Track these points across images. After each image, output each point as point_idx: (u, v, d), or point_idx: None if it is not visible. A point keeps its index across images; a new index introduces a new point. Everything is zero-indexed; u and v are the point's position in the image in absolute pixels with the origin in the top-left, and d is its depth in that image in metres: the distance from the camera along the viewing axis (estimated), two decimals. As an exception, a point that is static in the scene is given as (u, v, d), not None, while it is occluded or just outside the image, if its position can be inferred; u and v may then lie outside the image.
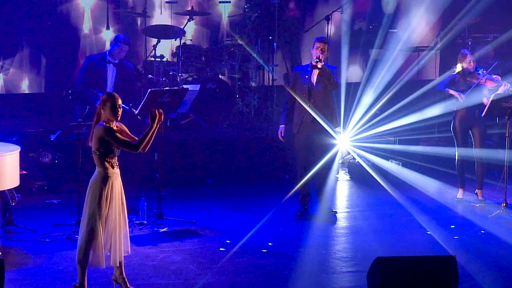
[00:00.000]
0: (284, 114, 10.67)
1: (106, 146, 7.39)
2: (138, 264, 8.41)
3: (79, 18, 14.71)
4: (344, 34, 15.53)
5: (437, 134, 13.99)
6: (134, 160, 11.45)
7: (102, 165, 7.43)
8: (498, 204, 10.83)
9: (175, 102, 10.30)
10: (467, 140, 11.41)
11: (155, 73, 13.72)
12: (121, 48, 10.78)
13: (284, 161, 13.00)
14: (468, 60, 11.20)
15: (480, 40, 15.37)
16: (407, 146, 13.65)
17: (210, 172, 12.91)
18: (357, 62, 16.03)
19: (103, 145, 7.38)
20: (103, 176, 7.43)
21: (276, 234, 9.66)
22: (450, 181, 12.08)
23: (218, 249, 8.96)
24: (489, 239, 9.50)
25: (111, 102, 7.41)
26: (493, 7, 14.95)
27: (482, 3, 14.75)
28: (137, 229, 9.78)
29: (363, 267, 7.92)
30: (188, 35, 15.12)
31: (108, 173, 7.46)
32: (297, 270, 8.27)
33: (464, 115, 11.25)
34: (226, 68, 14.65)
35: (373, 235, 9.56)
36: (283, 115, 10.69)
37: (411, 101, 13.91)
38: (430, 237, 9.49)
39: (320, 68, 10.27)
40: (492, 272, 8.17)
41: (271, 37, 15.47)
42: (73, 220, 9.64)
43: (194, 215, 10.46)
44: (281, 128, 10.59)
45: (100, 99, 7.55)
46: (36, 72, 14.30)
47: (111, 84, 10.70)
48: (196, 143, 13.09)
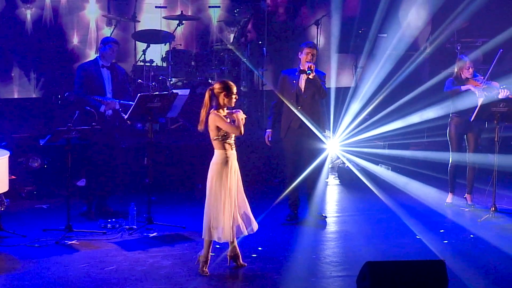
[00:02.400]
0: (271, 118, 10.66)
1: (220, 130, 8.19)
2: (128, 269, 8.39)
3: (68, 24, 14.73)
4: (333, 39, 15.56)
5: (426, 139, 14.03)
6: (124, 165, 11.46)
7: (223, 148, 8.26)
8: (487, 209, 10.85)
9: (164, 107, 10.30)
10: (461, 145, 11.43)
11: (144, 78, 13.72)
12: (113, 48, 10.79)
13: (273, 166, 13.01)
14: (467, 66, 11.18)
15: (469, 45, 15.41)
16: (396, 150, 13.68)
17: (200, 177, 12.86)
18: (347, 67, 16.05)
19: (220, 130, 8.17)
20: (224, 157, 8.25)
21: (266, 238, 9.65)
22: (440, 186, 12.11)
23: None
24: (478, 243, 9.52)
25: (227, 90, 8.17)
26: (482, 12, 15.00)
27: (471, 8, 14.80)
28: (127, 234, 9.76)
29: (353, 272, 7.93)
30: (178, 39, 15.13)
31: (227, 155, 8.26)
32: (287, 275, 8.27)
33: (460, 121, 11.26)
34: (216, 72, 14.65)
35: (362, 239, 9.57)
36: (270, 120, 10.68)
37: (401, 106, 13.94)
38: (419, 242, 9.50)
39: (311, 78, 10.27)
40: (481, 276, 8.18)
41: (260, 41, 15.49)
42: (63, 225, 9.62)
43: (184, 220, 10.45)
44: (267, 133, 10.59)
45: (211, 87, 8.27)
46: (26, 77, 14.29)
47: (109, 88, 10.71)
48: (186, 148, 13.08)
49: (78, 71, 10.89)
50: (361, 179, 12.78)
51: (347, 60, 16.09)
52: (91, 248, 9.17)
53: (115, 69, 10.89)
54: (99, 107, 10.54)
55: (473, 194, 11.47)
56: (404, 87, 14.54)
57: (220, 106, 8.26)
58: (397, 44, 15.20)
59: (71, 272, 8.28)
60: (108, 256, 8.86)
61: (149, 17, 15.22)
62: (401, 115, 13.68)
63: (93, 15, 14.94)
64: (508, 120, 10.98)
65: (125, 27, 14.87)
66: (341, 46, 15.69)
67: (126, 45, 14.60)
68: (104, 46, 10.82)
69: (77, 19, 14.88)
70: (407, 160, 13.68)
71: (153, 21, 15.11)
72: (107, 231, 9.88)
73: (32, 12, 14.41)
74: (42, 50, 14.37)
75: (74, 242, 9.37)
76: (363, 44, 15.55)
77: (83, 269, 8.38)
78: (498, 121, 10.69)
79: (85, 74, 10.73)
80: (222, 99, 8.23)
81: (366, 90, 14.36)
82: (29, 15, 14.36)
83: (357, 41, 15.93)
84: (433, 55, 15.06)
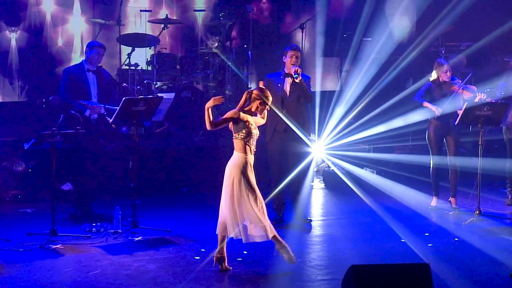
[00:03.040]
0: None
1: (244, 128, 8.37)
2: (113, 273, 8.37)
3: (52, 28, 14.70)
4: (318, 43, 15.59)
5: (411, 142, 14.06)
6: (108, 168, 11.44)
7: (244, 151, 8.49)
8: (472, 212, 10.89)
9: (149, 110, 10.28)
10: (441, 149, 11.49)
11: (129, 82, 13.71)
12: (99, 52, 10.78)
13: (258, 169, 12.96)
14: (445, 69, 11.26)
15: (453, 49, 15.47)
16: (381, 154, 13.71)
17: (185, 181, 12.89)
18: (332, 70, 16.08)
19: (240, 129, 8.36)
20: (244, 162, 8.49)
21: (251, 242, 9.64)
22: (424, 189, 12.15)
23: (193, 258, 8.95)
24: (463, 246, 9.54)
25: (264, 99, 8.43)
26: (466, 16, 15.06)
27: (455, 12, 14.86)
28: (112, 238, 9.74)
29: (338, 275, 7.94)
30: (163, 43, 15.12)
31: (247, 160, 8.49)
32: (272, 279, 8.26)
33: (439, 124, 11.33)
34: (201, 76, 14.65)
35: (347, 243, 9.58)
36: None
37: (386, 110, 13.98)
38: (404, 245, 9.52)
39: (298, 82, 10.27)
40: (466, 279, 8.20)
41: (245, 45, 15.51)
42: (47, 229, 9.58)
43: (169, 224, 10.43)
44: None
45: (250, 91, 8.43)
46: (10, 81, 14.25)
47: (94, 92, 10.70)
48: (171, 152, 13.07)
49: (64, 75, 10.86)
50: (346, 182, 12.80)
51: (332, 64, 16.13)
52: (75, 252, 9.14)
53: (100, 73, 10.88)
54: (84, 111, 10.53)
55: (457, 198, 11.51)
56: (389, 90, 14.58)
57: (250, 111, 8.47)
58: (382, 48, 15.24)
59: (56, 276, 8.24)
60: (93, 260, 8.83)
61: (134, 21, 15.21)
62: (385, 118, 13.71)
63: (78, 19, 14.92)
64: (492, 123, 11.03)
65: (110, 31, 14.85)
66: (326, 50, 15.73)
67: (111, 49, 14.58)
68: (90, 50, 10.80)
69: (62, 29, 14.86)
70: (392, 163, 13.72)
71: (138, 25, 15.11)
72: (92, 235, 9.85)
73: (18, 35, 14.42)
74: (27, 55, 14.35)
75: (59, 246, 9.34)
76: (348, 48, 15.59)
77: (68, 273, 8.35)
78: (482, 125, 10.73)
79: (70, 78, 10.71)
80: (256, 105, 8.46)
81: (351, 93, 14.39)
82: (14, 40, 14.37)
83: (342, 45, 15.97)
84: (418, 59, 15.11)
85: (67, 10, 14.90)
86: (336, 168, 13.22)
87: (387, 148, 13.91)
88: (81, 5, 14.92)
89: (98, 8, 15.05)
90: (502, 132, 11.88)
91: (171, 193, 12.57)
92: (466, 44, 15.42)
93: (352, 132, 13.74)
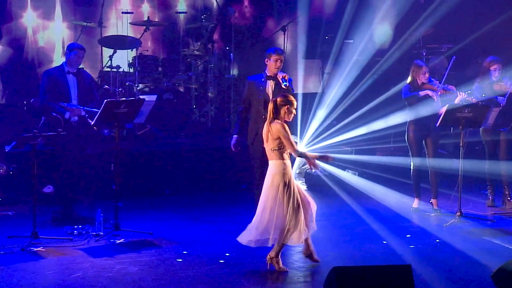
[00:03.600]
0: (238, 124, 10.63)
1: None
2: (94, 275, 8.34)
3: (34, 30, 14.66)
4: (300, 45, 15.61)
5: (393, 144, 14.11)
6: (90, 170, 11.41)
7: (281, 157, 8.60)
8: (453, 214, 10.93)
9: (131, 112, 10.26)
10: (421, 150, 11.53)
11: (111, 84, 13.68)
12: (78, 54, 10.77)
13: (241, 171, 13.01)
14: (423, 71, 11.32)
15: (435, 51, 15.54)
16: (363, 156, 13.75)
17: (167, 183, 12.88)
18: (313, 72, 16.10)
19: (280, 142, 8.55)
20: (283, 167, 8.58)
21: (233, 244, 9.63)
22: (406, 191, 12.19)
23: (175, 260, 8.93)
24: (444, 248, 9.58)
25: (289, 104, 8.60)
26: (446, 18, 15.13)
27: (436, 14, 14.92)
28: (94, 241, 9.71)
29: (320, 277, 7.97)
30: (145, 45, 15.10)
31: (286, 164, 8.59)
32: (254, 281, 8.27)
33: (418, 126, 11.37)
34: (183, 78, 14.64)
35: (329, 244, 9.59)
36: (237, 126, 10.65)
37: (368, 112, 14.02)
38: (386, 246, 9.55)
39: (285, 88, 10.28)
40: (447, 280, 8.23)
41: (227, 47, 15.51)
42: (29, 231, 9.54)
43: (151, 226, 10.42)
44: (234, 139, 10.57)
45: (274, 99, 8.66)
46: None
47: (74, 94, 10.68)
48: (153, 154, 13.06)
49: (43, 77, 10.84)
50: (328, 184, 12.82)
51: (314, 66, 16.15)
52: (57, 255, 9.11)
53: (81, 75, 10.86)
54: (64, 114, 10.50)
55: (439, 199, 11.56)
56: (370, 92, 14.63)
57: (281, 118, 8.63)
58: (363, 50, 15.29)
59: (37, 279, 8.21)
60: (75, 263, 8.80)
61: (116, 23, 15.18)
62: (367, 120, 13.76)
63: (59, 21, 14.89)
64: (472, 125, 11.09)
65: (91, 33, 14.82)
66: (308, 52, 15.76)
67: (93, 51, 14.55)
68: (70, 52, 10.78)
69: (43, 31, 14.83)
70: (373, 165, 13.76)
71: (120, 27, 15.08)
72: (74, 237, 9.83)
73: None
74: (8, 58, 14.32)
75: (40, 249, 9.30)
76: (329, 50, 15.62)
77: (50, 276, 8.32)
78: (463, 127, 10.78)
79: (50, 80, 10.68)
80: (284, 111, 8.62)
81: (333, 95, 14.42)
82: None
83: (324, 47, 16.00)
84: (399, 61, 15.17)
85: (49, 12, 14.85)
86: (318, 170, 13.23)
87: (369, 150, 13.95)
88: (62, 7, 14.88)
89: (80, 10, 15.01)
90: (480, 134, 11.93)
91: (153, 195, 12.56)
92: (447, 46, 15.49)
93: (334, 134, 13.77)
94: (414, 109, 11.34)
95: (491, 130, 11.66)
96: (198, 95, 14.89)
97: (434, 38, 15.76)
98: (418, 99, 11.26)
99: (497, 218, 11.16)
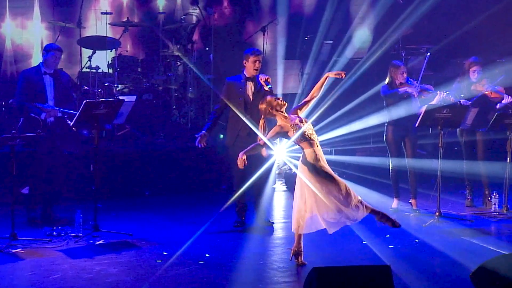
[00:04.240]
0: (210, 122, 10.57)
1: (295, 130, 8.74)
2: (73, 277, 8.31)
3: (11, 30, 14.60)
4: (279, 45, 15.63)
5: (372, 145, 14.14)
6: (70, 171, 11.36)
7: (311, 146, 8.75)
8: (432, 214, 10.98)
9: (111, 113, 10.23)
10: (400, 151, 11.57)
11: (90, 85, 13.63)
12: (55, 55, 10.72)
13: (221, 172, 13.02)
14: (401, 71, 11.38)
15: (414, 51, 15.59)
16: (343, 156, 13.76)
17: (147, 184, 12.86)
18: (293, 73, 16.12)
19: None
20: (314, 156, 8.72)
21: (213, 245, 9.65)
22: (385, 191, 12.22)
23: (155, 261, 8.91)
24: (423, 248, 9.61)
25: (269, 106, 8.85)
26: (425, 18, 15.19)
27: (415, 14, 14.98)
28: (73, 242, 9.67)
29: (300, 277, 7.98)
30: (124, 46, 15.06)
31: (316, 151, 8.72)
32: (234, 281, 8.26)
33: (397, 126, 11.42)
34: (163, 79, 14.62)
35: (309, 245, 9.58)
36: (208, 123, 10.59)
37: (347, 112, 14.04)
38: (365, 247, 9.57)
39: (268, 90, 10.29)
40: (426, 280, 8.26)
41: (207, 48, 15.50)
42: (7, 233, 9.49)
43: (131, 227, 10.39)
44: (201, 133, 10.51)
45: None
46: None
47: (51, 95, 10.63)
48: (132, 155, 13.03)
49: (20, 77, 10.80)
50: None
51: (294, 67, 16.17)
52: (36, 256, 9.07)
53: (58, 75, 10.82)
54: (40, 114, 10.45)
55: (418, 199, 11.61)
56: (350, 93, 14.65)
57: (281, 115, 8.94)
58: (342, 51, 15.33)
59: (16, 281, 8.17)
60: (54, 264, 8.76)
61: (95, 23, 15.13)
62: (347, 121, 13.78)
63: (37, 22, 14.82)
64: (451, 125, 11.14)
65: (70, 34, 14.76)
66: (288, 53, 15.78)
67: (72, 52, 14.50)
68: (47, 53, 10.74)
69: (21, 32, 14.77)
70: (353, 166, 13.79)
71: (99, 27, 15.04)
72: (53, 239, 9.78)
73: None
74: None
75: (19, 251, 9.26)
76: (309, 50, 15.64)
77: (28, 277, 8.28)
78: (441, 127, 10.83)
79: (26, 81, 10.64)
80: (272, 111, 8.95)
81: (313, 96, 14.41)
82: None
83: (303, 47, 16.03)
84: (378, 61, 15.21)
85: (27, 13, 14.78)
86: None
87: (349, 151, 13.97)
88: (40, 8, 14.81)
89: (58, 11, 14.95)
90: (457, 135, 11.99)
91: (133, 196, 12.53)
92: (426, 47, 15.54)
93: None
94: (393, 109, 11.38)
95: (468, 130, 11.73)
96: (178, 96, 14.87)
97: (413, 39, 15.81)
98: (396, 99, 11.30)
99: (476, 218, 11.22)
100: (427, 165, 11.91)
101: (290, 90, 15.75)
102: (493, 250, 9.33)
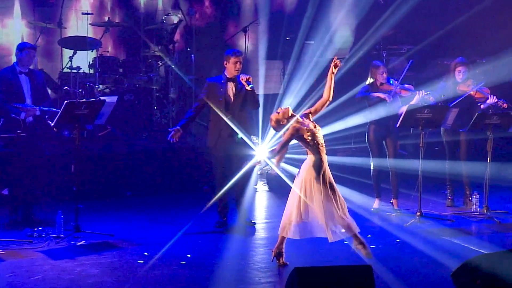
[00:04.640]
0: (185, 119, 10.53)
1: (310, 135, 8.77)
2: (55, 278, 8.28)
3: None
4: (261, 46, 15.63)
5: (353, 145, 14.16)
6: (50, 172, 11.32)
7: (318, 152, 8.79)
8: (413, 214, 11.02)
9: (92, 114, 10.20)
10: (382, 151, 11.60)
11: (71, 85, 13.59)
12: (29, 54, 10.66)
13: (202, 172, 13.00)
14: (380, 71, 11.43)
15: (395, 52, 15.64)
16: (324, 156, 13.75)
17: (129, 184, 12.83)
18: (274, 73, 16.13)
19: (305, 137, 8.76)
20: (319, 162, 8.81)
21: (194, 245, 9.64)
22: (367, 191, 12.24)
23: (137, 262, 8.90)
24: (405, 248, 9.64)
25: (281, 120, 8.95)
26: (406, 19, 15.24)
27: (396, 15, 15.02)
28: (54, 243, 9.64)
29: (282, 278, 7.98)
30: (105, 46, 15.02)
31: (321, 157, 8.83)
32: (216, 282, 8.26)
33: (378, 126, 11.45)
34: (144, 79, 14.59)
35: (291, 245, 9.58)
36: (183, 120, 10.54)
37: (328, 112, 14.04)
38: (347, 247, 9.58)
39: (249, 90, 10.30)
40: (407, 280, 8.28)
41: (189, 48, 15.48)
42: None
43: (113, 228, 10.37)
44: (174, 128, 10.44)
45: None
46: None
47: (28, 94, 10.58)
48: (114, 155, 12.99)
49: None
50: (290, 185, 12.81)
51: (275, 67, 16.18)
52: (17, 258, 9.03)
53: (33, 74, 10.77)
54: (20, 114, 10.40)
55: (399, 199, 11.64)
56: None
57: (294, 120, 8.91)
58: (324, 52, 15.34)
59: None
60: (35, 265, 8.73)
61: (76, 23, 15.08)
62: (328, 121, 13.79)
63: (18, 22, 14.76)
64: (432, 125, 11.18)
65: (51, 34, 14.71)
66: (269, 53, 15.78)
67: (52, 52, 14.45)
68: (20, 52, 10.67)
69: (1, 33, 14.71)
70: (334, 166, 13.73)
71: (80, 27, 14.99)
72: (34, 240, 9.74)
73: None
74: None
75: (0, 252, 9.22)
76: (290, 51, 15.66)
77: (9, 279, 8.24)
78: (422, 127, 10.86)
79: (2, 81, 10.58)
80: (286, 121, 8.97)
81: (294, 96, 14.44)
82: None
83: (285, 47, 16.04)
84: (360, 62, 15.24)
85: (7, 13, 14.72)
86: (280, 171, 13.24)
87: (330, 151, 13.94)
88: (21, 8, 14.75)
89: (39, 11, 14.89)
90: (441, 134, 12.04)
91: (115, 197, 12.50)
92: (407, 47, 15.60)
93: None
94: (374, 109, 11.41)
95: (451, 130, 11.78)
96: (159, 96, 14.84)
97: (394, 39, 15.86)
98: (374, 100, 11.34)
99: (457, 218, 11.26)
100: (408, 165, 11.94)
101: (271, 91, 15.76)
102: (473, 250, 9.37)
